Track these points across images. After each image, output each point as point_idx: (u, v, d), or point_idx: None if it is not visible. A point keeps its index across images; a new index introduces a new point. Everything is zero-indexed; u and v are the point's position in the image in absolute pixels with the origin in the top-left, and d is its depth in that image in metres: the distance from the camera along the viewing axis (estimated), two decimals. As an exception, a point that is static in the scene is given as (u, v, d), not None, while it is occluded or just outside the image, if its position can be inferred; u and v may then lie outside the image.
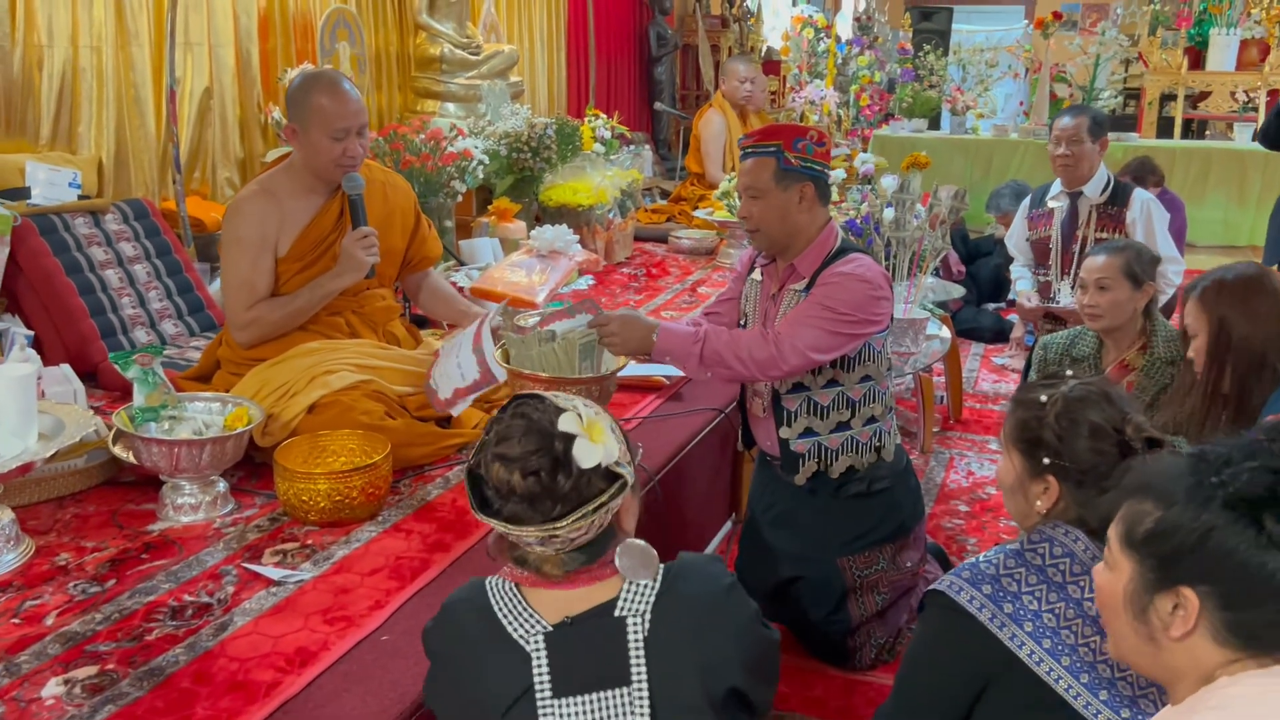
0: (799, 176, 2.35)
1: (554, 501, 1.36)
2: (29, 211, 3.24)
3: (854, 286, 2.29)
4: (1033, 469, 1.62)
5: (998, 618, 1.50)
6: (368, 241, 2.62)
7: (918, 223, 3.57)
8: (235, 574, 2.03)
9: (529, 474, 1.36)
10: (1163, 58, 8.57)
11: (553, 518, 1.36)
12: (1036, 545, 1.57)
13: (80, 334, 3.15)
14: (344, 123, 2.55)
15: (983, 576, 1.55)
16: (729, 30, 9.74)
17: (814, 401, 2.41)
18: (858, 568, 2.47)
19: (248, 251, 2.59)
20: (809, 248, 2.39)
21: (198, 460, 2.21)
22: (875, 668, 2.51)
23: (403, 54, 5.67)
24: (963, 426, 4.20)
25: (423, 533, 2.21)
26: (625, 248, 5.24)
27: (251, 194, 2.65)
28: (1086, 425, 1.57)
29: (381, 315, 2.81)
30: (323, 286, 2.63)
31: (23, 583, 1.97)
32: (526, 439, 1.37)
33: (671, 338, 2.29)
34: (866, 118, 8.44)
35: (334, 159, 2.57)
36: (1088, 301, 2.70)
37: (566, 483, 1.36)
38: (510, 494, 1.37)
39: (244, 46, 4.55)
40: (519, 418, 1.40)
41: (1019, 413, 1.66)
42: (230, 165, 4.52)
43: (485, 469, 1.40)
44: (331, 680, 1.70)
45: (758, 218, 2.38)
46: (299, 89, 2.61)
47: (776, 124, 2.36)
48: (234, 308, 2.61)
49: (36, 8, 3.66)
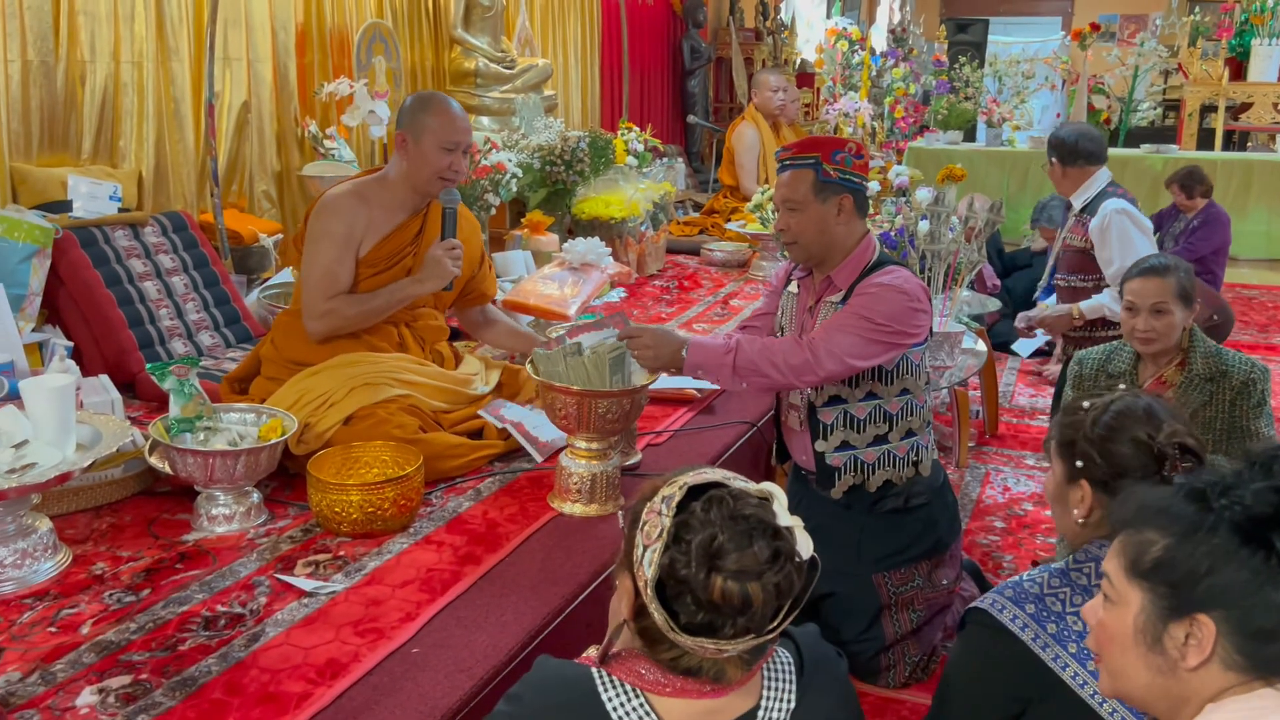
0: (837, 189, 2.34)
1: (789, 604, 1.16)
2: (70, 224, 3.29)
3: (892, 297, 2.28)
4: (1069, 474, 1.63)
5: (1040, 638, 1.48)
6: (455, 253, 2.71)
7: (953, 235, 3.54)
8: (268, 585, 2.04)
9: (770, 586, 1.15)
10: (1203, 69, 8.46)
11: (780, 622, 1.16)
12: (1082, 565, 1.55)
13: (119, 345, 3.19)
14: (457, 137, 2.68)
15: (1026, 595, 1.53)
16: (763, 43, 9.74)
17: (850, 415, 2.39)
18: (893, 584, 2.45)
19: (335, 245, 2.66)
20: (846, 260, 2.38)
21: (232, 471, 2.22)
22: (909, 686, 2.48)
23: (438, 68, 5.72)
24: (999, 441, 4.15)
25: (454, 545, 2.21)
26: (657, 260, 5.24)
27: (345, 193, 2.72)
28: (1124, 431, 1.58)
29: (431, 334, 2.87)
30: (403, 290, 2.70)
31: (59, 591, 1.99)
32: (760, 543, 1.16)
33: (703, 351, 2.28)
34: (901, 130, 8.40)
35: (439, 171, 2.67)
36: (1142, 326, 2.62)
37: (799, 583, 1.17)
38: (744, 610, 1.15)
39: (281, 61, 4.61)
40: (736, 519, 1.16)
41: (1062, 419, 1.68)
42: (267, 178, 4.58)
43: (697, 584, 1.15)
44: (361, 692, 1.70)
45: (796, 230, 2.37)
46: (417, 101, 2.74)
47: (814, 136, 2.35)
48: (313, 298, 2.66)
49: (80, 25, 3.72)
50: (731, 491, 1.20)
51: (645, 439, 2.81)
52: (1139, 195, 7.63)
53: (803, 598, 1.18)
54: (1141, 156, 7.76)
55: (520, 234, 4.83)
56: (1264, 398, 2.58)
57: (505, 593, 2.02)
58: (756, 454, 3.01)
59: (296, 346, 2.69)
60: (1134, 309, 2.65)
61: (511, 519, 2.34)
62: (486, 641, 1.85)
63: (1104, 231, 3.62)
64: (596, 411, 2.27)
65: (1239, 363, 2.60)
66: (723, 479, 1.22)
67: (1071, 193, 3.83)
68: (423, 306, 2.84)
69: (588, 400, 2.26)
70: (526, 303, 3.49)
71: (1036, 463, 3.91)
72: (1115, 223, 3.59)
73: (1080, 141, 3.76)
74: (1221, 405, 2.59)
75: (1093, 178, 3.77)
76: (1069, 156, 3.78)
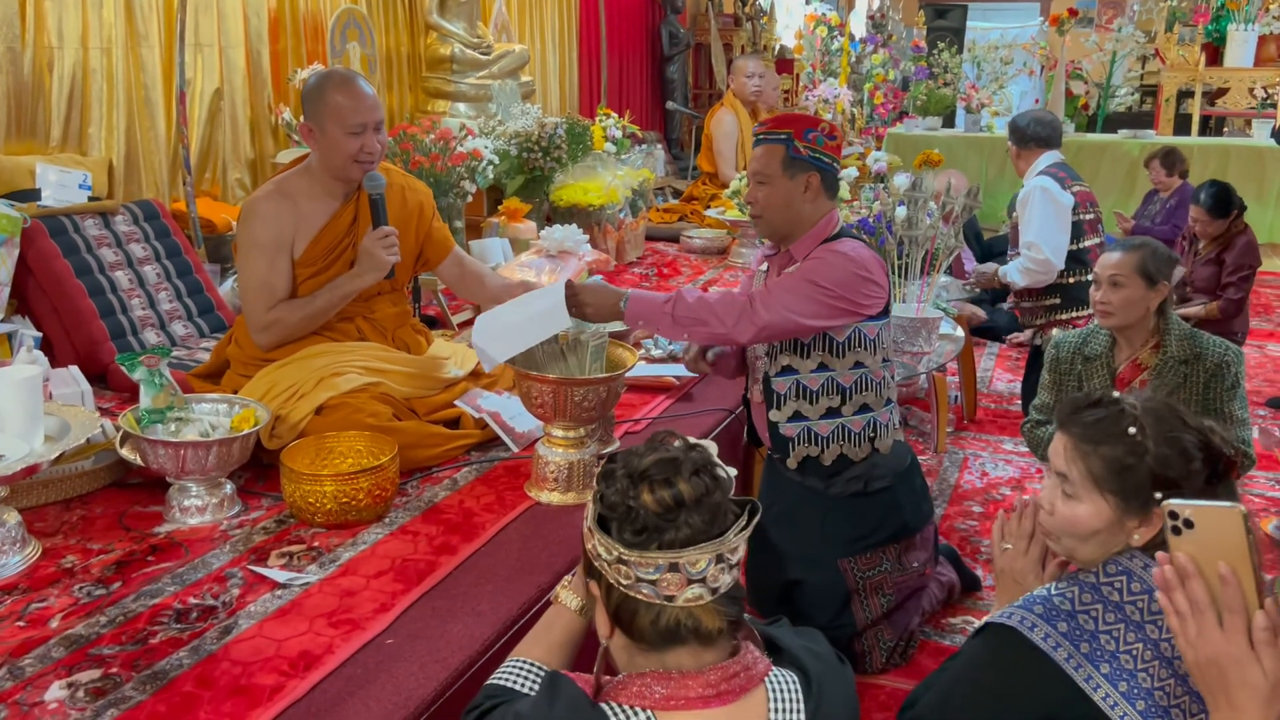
0: (806, 166, 2.37)
1: (724, 506, 1.23)
2: (39, 213, 3.24)
3: (837, 262, 2.30)
4: (1139, 507, 1.45)
5: (1074, 658, 1.39)
6: (388, 241, 2.60)
7: (930, 221, 3.54)
8: (241, 576, 2.01)
9: (693, 475, 1.22)
10: (1180, 54, 8.50)
11: (725, 527, 1.22)
12: (1114, 579, 1.44)
13: (90, 335, 3.15)
14: (360, 118, 2.54)
15: (1057, 613, 1.43)
16: (742, 29, 9.72)
17: (803, 385, 2.40)
18: (860, 569, 2.45)
19: (264, 253, 2.57)
20: (807, 234, 2.40)
21: (204, 462, 2.20)
22: (886, 671, 2.48)
23: (413, 54, 5.67)
24: (977, 426, 4.17)
25: (429, 535, 2.20)
26: (636, 247, 5.22)
27: (266, 194, 2.63)
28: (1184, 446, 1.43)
29: (392, 322, 2.80)
30: (342, 287, 2.61)
31: (28, 585, 1.96)
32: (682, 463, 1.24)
33: (642, 303, 2.29)
34: (880, 116, 8.40)
35: (351, 155, 2.56)
36: (1100, 298, 2.67)
37: (718, 491, 1.23)
38: (679, 505, 1.20)
39: (254, 48, 4.55)
40: (657, 451, 1.27)
41: (1106, 451, 1.47)
42: (240, 166, 4.53)
43: (632, 501, 1.22)
44: (335, 684, 1.69)
45: (762, 203, 2.41)
46: (314, 88, 2.59)
47: (790, 113, 2.36)
48: (253, 310, 2.59)
49: (47, 10, 3.66)
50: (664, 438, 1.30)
51: (623, 427, 2.79)
52: (1115, 179, 7.71)
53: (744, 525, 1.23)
54: (1119, 142, 7.78)
55: (497, 221, 4.80)
56: (1237, 380, 2.60)
57: (481, 582, 2.01)
58: (734, 441, 3.01)
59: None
60: (1097, 281, 2.71)
61: (488, 508, 2.33)
62: (462, 631, 1.84)
63: (1022, 204, 3.90)
64: (573, 399, 2.26)
65: (1213, 346, 2.62)
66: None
67: (1024, 174, 4.05)
68: (376, 295, 2.75)
69: (564, 388, 2.25)
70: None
71: (1014, 447, 3.93)
72: (1033, 197, 3.85)
73: (1031, 126, 4.03)
74: (1196, 388, 2.61)
75: (1039, 159, 3.98)
76: (1022, 140, 4.04)
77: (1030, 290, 3.91)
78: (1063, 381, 2.82)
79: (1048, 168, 3.91)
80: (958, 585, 2.77)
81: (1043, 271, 3.80)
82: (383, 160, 2.69)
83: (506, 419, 2.65)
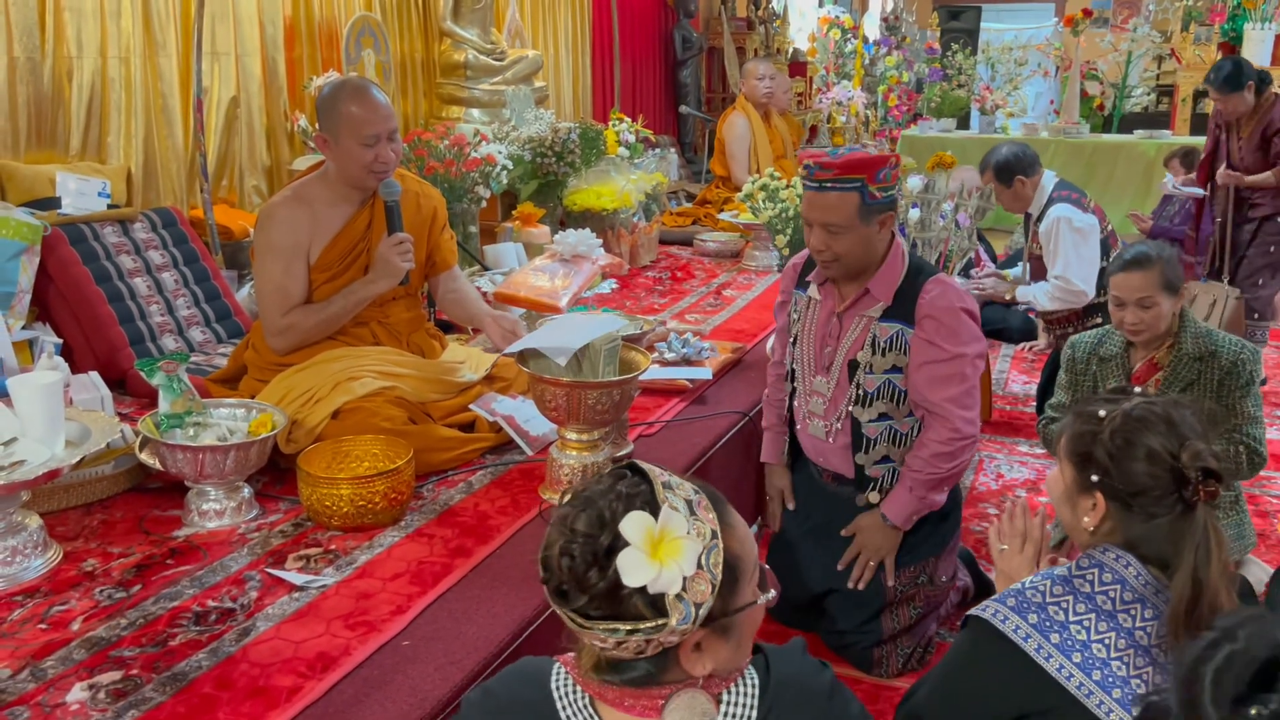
0: (882, 208, 2.31)
1: (585, 596, 1.12)
2: (59, 221, 3.28)
3: (966, 322, 2.32)
4: (1082, 484, 1.56)
5: (1044, 648, 1.44)
6: (403, 248, 2.63)
7: (943, 223, 3.54)
8: (259, 579, 2.03)
9: (564, 554, 1.14)
10: (1196, 53, 8.45)
11: (585, 614, 1.13)
12: (1086, 571, 1.50)
13: (109, 341, 3.19)
14: (374, 128, 2.55)
15: (1029, 605, 1.48)
16: (755, 32, 9.71)
17: (895, 430, 2.42)
18: (900, 584, 2.45)
19: (280, 258, 2.59)
20: (881, 269, 2.36)
21: (222, 466, 2.22)
22: (903, 675, 2.48)
23: (428, 60, 5.70)
24: (992, 428, 4.16)
25: (444, 538, 2.21)
26: (650, 251, 5.23)
27: (284, 200, 2.66)
28: (1142, 448, 1.49)
29: (406, 326, 2.82)
30: (356, 293, 2.63)
31: (50, 588, 1.99)
32: (584, 517, 1.14)
33: (900, 508, 2.38)
34: (894, 118, 8.40)
35: (366, 165, 2.58)
36: (1131, 321, 2.63)
37: (600, 583, 1.11)
38: (547, 566, 1.17)
39: (270, 55, 4.59)
40: (598, 498, 1.16)
41: (1076, 425, 1.59)
42: (257, 173, 4.57)
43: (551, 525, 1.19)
44: (352, 686, 1.70)
45: (838, 250, 2.32)
46: (328, 98, 2.61)
47: (856, 155, 2.28)
48: (269, 314, 2.61)
49: (66, 20, 3.71)
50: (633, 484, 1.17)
51: (637, 430, 2.80)
52: (1131, 180, 7.68)
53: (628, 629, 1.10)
54: (1135, 142, 7.75)
55: (511, 226, 4.83)
56: (1252, 378, 2.59)
57: (496, 585, 2.02)
58: (749, 444, 3.01)
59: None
60: (1121, 303, 2.65)
61: (502, 511, 2.34)
62: (477, 633, 1.85)
63: (1046, 238, 3.77)
64: (586, 403, 2.27)
65: (1229, 343, 2.61)
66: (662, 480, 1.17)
67: (1025, 208, 3.92)
68: (391, 300, 2.77)
69: (577, 391, 2.26)
70: (517, 295, 3.48)
71: (1030, 449, 3.92)
72: (1057, 231, 3.73)
73: (1017, 154, 3.86)
74: (1210, 385, 2.60)
75: (1039, 187, 3.85)
76: (1016, 170, 3.84)
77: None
78: (1079, 381, 2.82)
79: (1058, 191, 3.81)
80: (972, 588, 2.77)
81: (1074, 301, 3.75)
82: (398, 167, 2.71)
83: (521, 422, 2.67)
